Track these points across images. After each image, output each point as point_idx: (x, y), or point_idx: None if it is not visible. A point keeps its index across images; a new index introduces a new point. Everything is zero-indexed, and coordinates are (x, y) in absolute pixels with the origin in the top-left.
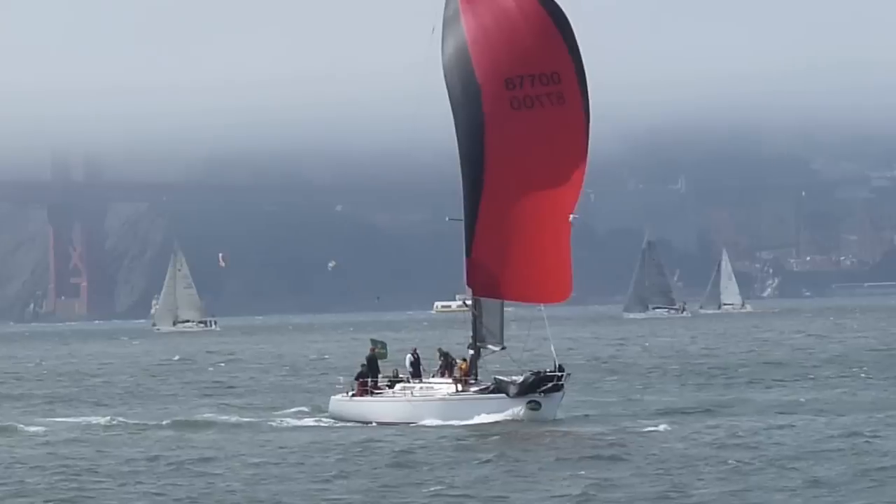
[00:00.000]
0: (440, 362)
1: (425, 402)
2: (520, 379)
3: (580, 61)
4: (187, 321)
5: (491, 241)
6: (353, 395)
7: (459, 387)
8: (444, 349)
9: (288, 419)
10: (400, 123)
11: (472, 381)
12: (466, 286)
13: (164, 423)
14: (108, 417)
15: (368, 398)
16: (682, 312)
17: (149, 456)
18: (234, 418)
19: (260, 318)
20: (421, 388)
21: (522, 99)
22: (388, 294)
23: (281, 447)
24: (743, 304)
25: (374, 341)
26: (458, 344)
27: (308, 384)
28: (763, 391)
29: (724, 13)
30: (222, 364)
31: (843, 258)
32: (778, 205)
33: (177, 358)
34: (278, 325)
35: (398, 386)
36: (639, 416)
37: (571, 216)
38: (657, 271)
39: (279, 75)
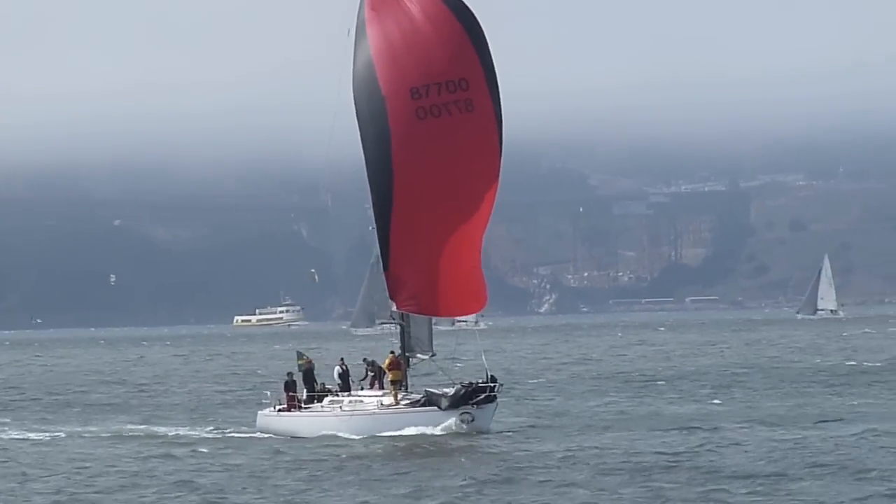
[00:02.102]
0: (369, 373)
1: (356, 416)
2: (451, 391)
3: (491, 66)
4: None
5: (405, 255)
6: (280, 410)
7: (390, 399)
8: (370, 359)
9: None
10: (182, 138)
11: (402, 389)
12: (389, 299)
13: None
14: None
15: (297, 413)
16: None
17: None
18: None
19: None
20: (350, 401)
21: (429, 108)
22: (169, 308)
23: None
24: (476, 322)
25: (300, 353)
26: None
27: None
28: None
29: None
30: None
31: (620, 274)
32: (556, 220)
33: None
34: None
35: (326, 399)
36: None
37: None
38: (385, 286)
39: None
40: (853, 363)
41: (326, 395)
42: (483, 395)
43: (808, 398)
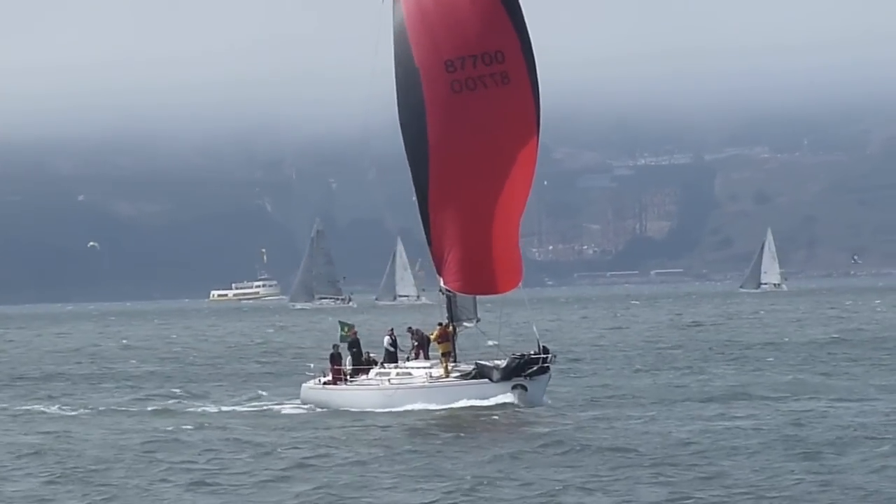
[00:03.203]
0: (413, 342)
1: (404, 389)
2: (503, 363)
3: (527, 37)
4: None
5: (444, 231)
6: (326, 382)
7: (439, 372)
8: (415, 327)
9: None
10: (145, 112)
11: (453, 361)
12: (438, 276)
13: None
14: None
15: (343, 385)
16: (348, 303)
17: None
18: None
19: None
20: (398, 373)
21: (464, 81)
22: (133, 283)
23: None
24: (418, 297)
25: (342, 323)
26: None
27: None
28: None
29: None
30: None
31: (585, 247)
32: None
33: None
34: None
35: (373, 372)
36: None
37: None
38: (325, 261)
39: (23, 65)
40: None
41: (372, 367)
42: (536, 367)
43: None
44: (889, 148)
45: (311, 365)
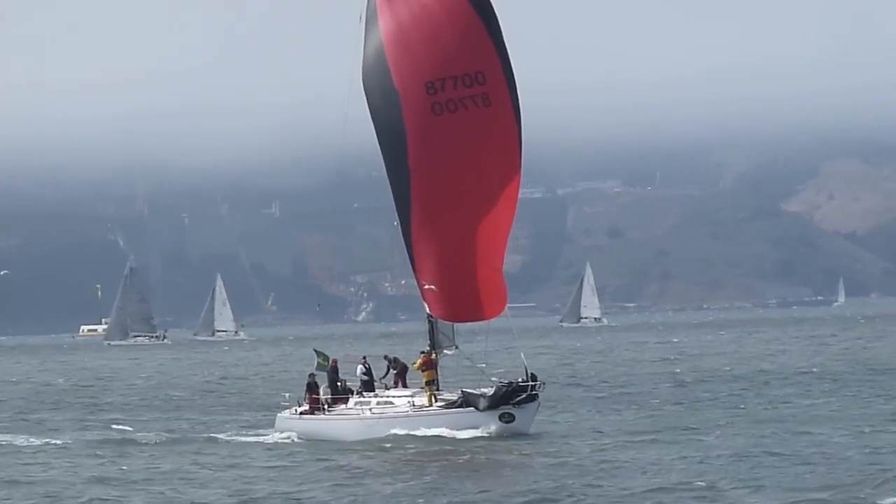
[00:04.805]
0: (391, 370)
1: (386, 418)
2: (490, 391)
3: (507, 58)
4: None
5: (427, 257)
6: (303, 412)
7: (422, 400)
8: (392, 356)
9: None
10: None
11: (437, 390)
12: (424, 301)
13: None
14: None
15: (322, 415)
16: (162, 340)
17: None
18: None
19: None
20: (379, 402)
21: (445, 103)
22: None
23: None
24: (237, 332)
25: (318, 352)
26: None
27: None
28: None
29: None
30: None
31: None
32: (373, 228)
33: None
34: None
35: (352, 401)
36: None
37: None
38: (139, 298)
39: None
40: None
41: (351, 397)
42: (524, 395)
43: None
44: (741, 182)
45: (287, 394)
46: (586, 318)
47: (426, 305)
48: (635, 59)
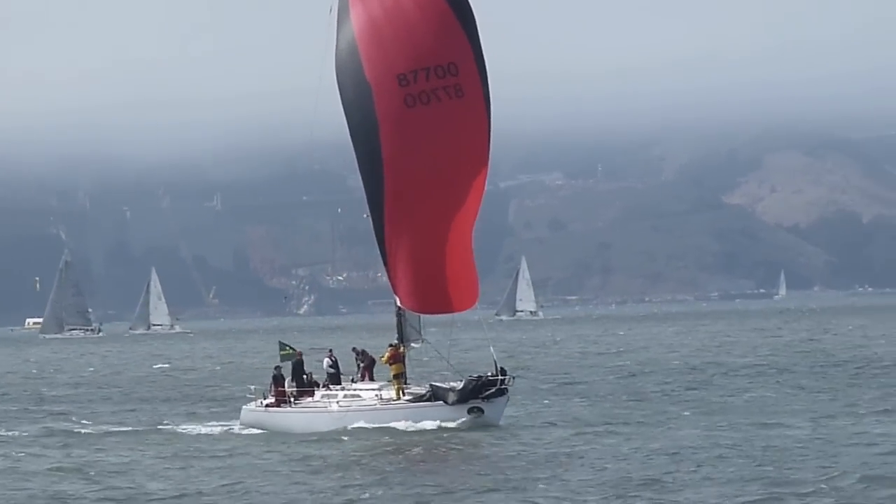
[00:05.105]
0: (359, 363)
1: (354, 411)
2: (459, 385)
3: (479, 48)
4: None
5: (399, 249)
6: (269, 405)
7: (390, 393)
8: (360, 349)
9: None
10: None
11: (404, 384)
12: (394, 294)
13: None
14: None
15: (289, 408)
16: (97, 333)
17: None
18: None
19: None
20: (346, 395)
21: (417, 95)
22: None
23: None
24: (172, 326)
25: (283, 344)
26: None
27: None
28: None
29: None
30: None
31: (379, 275)
32: (314, 221)
33: None
34: None
35: (319, 393)
36: None
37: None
38: (74, 291)
39: None
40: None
41: (316, 389)
42: (493, 389)
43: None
44: (683, 175)
45: (252, 387)
46: (522, 311)
47: (397, 298)
48: (577, 51)
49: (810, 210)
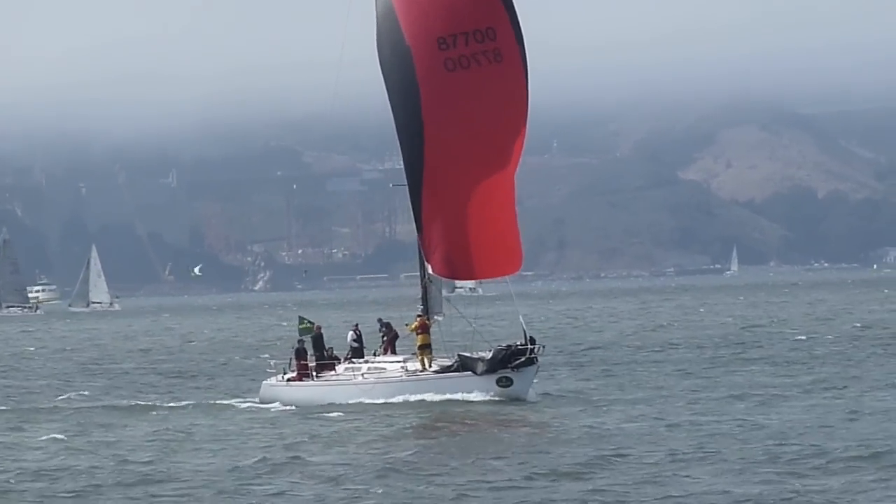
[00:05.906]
0: (383, 336)
1: (381, 384)
2: (488, 355)
3: (515, 14)
4: None
5: (438, 215)
6: (290, 379)
7: (415, 365)
8: (385, 320)
9: None
10: None
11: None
12: (426, 262)
13: None
14: None
15: (312, 382)
16: (35, 311)
17: None
18: None
19: None
20: (370, 367)
21: (457, 59)
22: None
23: None
24: (111, 304)
25: (302, 318)
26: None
27: None
28: None
29: None
30: None
31: (335, 251)
32: (269, 198)
33: None
34: None
35: (341, 367)
36: None
37: None
38: (12, 269)
39: None
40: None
41: (338, 363)
42: (523, 358)
43: None
44: (638, 150)
45: (272, 361)
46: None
47: (429, 266)
48: (532, 27)
49: (766, 185)
